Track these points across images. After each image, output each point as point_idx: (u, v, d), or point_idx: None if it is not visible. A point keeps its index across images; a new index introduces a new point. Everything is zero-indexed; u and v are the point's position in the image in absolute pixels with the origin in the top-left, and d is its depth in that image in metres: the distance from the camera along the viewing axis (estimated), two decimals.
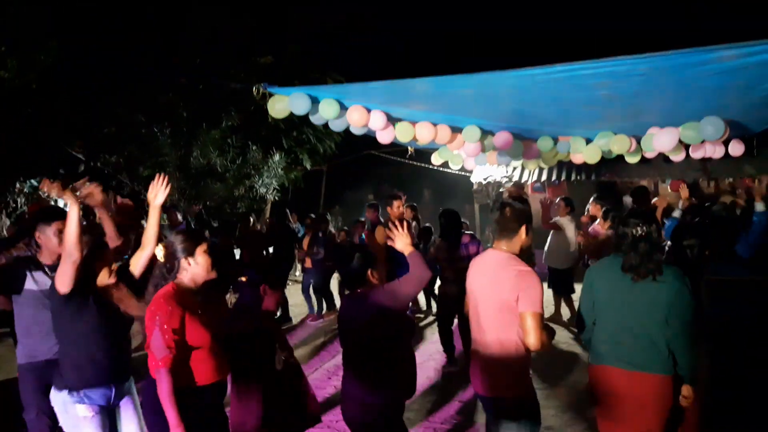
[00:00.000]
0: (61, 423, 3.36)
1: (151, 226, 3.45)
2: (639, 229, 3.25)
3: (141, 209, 8.45)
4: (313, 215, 9.72)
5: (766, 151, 10.26)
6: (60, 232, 3.69)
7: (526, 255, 3.38)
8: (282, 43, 15.38)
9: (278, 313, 9.07)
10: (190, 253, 3.15)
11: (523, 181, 13.57)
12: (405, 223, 3.42)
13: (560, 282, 8.42)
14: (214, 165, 13.43)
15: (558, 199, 8.95)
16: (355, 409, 3.24)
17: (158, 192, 3.42)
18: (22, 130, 11.91)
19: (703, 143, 6.80)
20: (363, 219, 9.97)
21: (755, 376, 3.65)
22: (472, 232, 6.80)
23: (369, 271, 3.30)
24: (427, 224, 9.59)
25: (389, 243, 3.42)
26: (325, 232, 9.44)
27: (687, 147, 7.22)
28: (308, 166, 17.18)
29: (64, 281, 3.17)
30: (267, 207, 16.80)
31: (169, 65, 13.49)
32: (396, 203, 6.89)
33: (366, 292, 3.27)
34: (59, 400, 3.30)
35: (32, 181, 13.77)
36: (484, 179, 13.99)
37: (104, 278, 3.35)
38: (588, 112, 6.08)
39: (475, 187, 14.49)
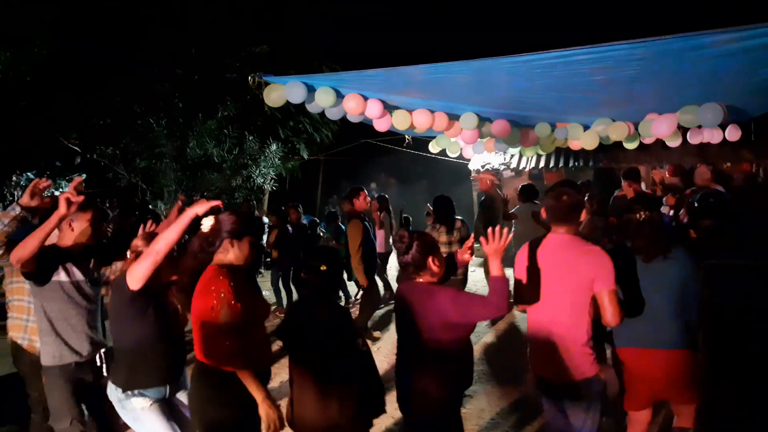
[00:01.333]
0: (121, 416, 3.27)
1: (173, 233, 2.97)
2: (642, 213, 3.40)
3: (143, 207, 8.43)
4: (283, 208, 9.45)
5: (763, 136, 10.26)
6: (94, 221, 3.58)
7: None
8: (278, 32, 15.30)
9: None
10: (237, 237, 3.07)
11: (521, 168, 13.56)
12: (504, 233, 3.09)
13: None
14: (210, 155, 13.38)
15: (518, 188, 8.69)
16: (422, 402, 3.08)
17: (202, 207, 3.00)
18: (17, 123, 11.87)
19: (700, 128, 6.80)
20: (334, 210, 9.86)
21: (755, 368, 3.64)
22: (462, 218, 6.79)
23: (430, 258, 3.07)
24: (405, 215, 9.57)
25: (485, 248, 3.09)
26: (296, 225, 9.21)
27: (684, 133, 7.21)
28: (305, 156, 17.15)
29: (138, 278, 3.01)
30: (265, 197, 16.77)
31: (164, 56, 13.42)
32: (362, 195, 7.08)
33: (431, 288, 3.06)
34: (114, 396, 3.22)
35: (29, 174, 13.74)
36: (482, 166, 13.97)
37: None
38: (585, 98, 6.06)
39: (473, 174, 14.48)
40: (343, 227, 8.52)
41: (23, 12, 10.69)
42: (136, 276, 3.00)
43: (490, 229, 3.05)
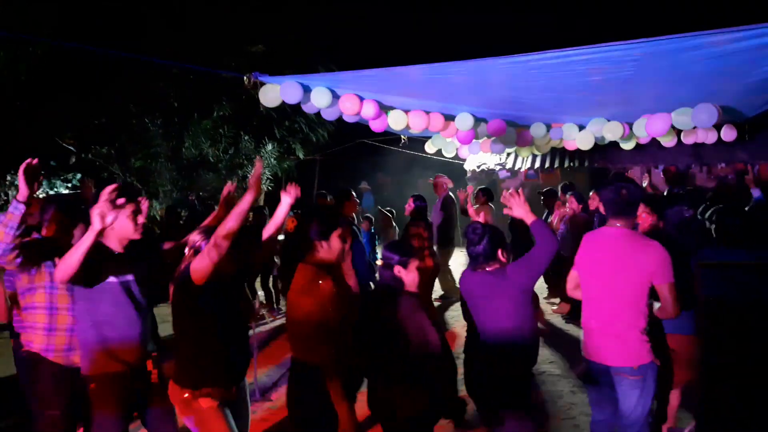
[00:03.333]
0: (184, 418, 3.12)
1: (234, 224, 2.88)
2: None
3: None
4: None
5: (758, 137, 10.30)
6: (135, 215, 3.23)
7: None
8: (276, 32, 15.27)
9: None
10: (325, 237, 3.10)
11: (516, 168, 13.58)
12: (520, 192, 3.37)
13: None
14: (206, 155, 13.37)
15: (477, 189, 8.91)
16: (498, 385, 3.18)
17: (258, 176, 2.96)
18: (12, 123, 11.83)
19: (695, 129, 6.82)
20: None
21: (750, 367, 3.69)
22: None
23: (499, 251, 3.25)
24: (389, 208, 9.61)
25: (506, 212, 3.38)
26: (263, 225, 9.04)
27: (679, 133, 7.23)
28: (301, 156, 17.12)
29: (202, 273, 2.91)
30: (260, 197, 16.74)
31: (160, 55, 13.39)
32: (351, 197, 7.01)
33: (501, 270, 3.21)
34: (178, 398, 3.09)
35: None
36: (478, 166, 13.99)
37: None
38: (581, 99, 6.08)
39: (468, 174, 14.50)
40: None
41: (23, 12, 10.64)
42: (201, 271, 2.90)
43: (506, 192, 3.33)
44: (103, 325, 3.17)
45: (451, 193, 9.07)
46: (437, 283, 8.51)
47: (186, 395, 3.03)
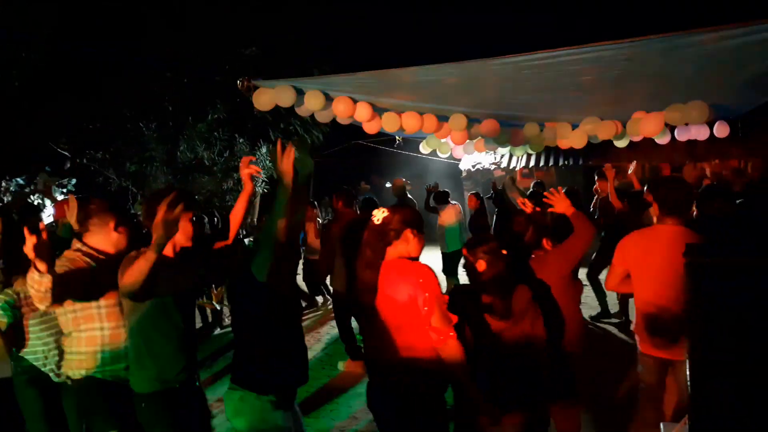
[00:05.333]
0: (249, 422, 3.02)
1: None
2: None
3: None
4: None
5: (751, 133, 10.34)
6: (194, 220, 3.10)
7: None
8: (270, 33, 15.25)
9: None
10: (420, 229, 3.01)
11: (511, 167, 13.60)
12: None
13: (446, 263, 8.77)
14: (201, 159, 13.34)
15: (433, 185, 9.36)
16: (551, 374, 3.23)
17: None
18: (6, 129, 11.80)
19: (688, 126, 6.85)
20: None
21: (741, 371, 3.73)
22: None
23: (545, 240, 3.64)
24: (368, 195, 9.79)
25: (550, 210, 3.66)
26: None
27: (672, 130, 7.27)
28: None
29: (265, 266, 2.83)
30: (256, 200, 16.73)
31: (155, 58, 13.38)
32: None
33: (543, 256, 3.61)
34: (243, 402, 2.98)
35: (18, 179, 13.67)
36: (473, 166, 14.02)
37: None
38: (573, 98, 6.10)
39: (463, 174, 14.52)
40: None
41: (23, 12, 10.60)
42: (263, 264, 2.83)
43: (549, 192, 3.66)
44: (157, 340, 3.03)
45: (409, 195, 9.63)
46: None
47: (252, 399, 2.92)
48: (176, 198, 2.72)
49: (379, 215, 2.98)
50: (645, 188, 3.82)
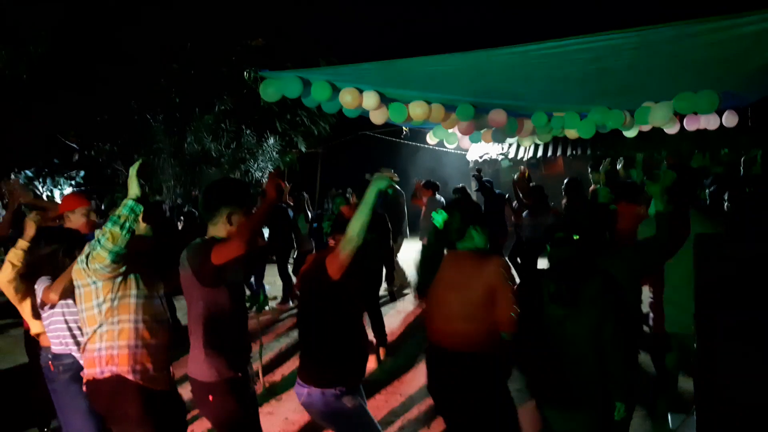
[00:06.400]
0: (322, 419, 3.10)
1: (365, 215, 2.90)
2: None
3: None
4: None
5: (760, 122, 10.26)
6: (250, 214, 3.05)
7: None
8: (277, 24, 15.22)
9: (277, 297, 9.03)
10: (483, 224, 3.09)
11: (519, 157, 13.55)
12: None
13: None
14: (208, 150, 13.38)
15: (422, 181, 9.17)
16: None
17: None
18: (15, 121, 11.86)
19: (697, 115, 6.80)
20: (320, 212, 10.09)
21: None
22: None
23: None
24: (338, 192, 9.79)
25: None
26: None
27: (682, 119, 7.21)
28: (303, 149, 17.13)
29: (343, 265, 2.90)
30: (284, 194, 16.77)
31: (161, 50, 13.38)
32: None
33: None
34: (318, 399, 3.04)
35: (27, 171, 13.75)
36: (480, 157, 13.98)
37: None
38: (582, 88, 6.06)
39: (471, 164, 14.48)
40: None
41: (31, 7, 10.62)
42: (341, 263, 2.89)
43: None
44: (226, 326, 2.97)
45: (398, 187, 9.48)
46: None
47: (328, 397, 3.02)
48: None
49: (438, 218, 3.08)
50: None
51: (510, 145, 13.17)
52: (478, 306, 2.88)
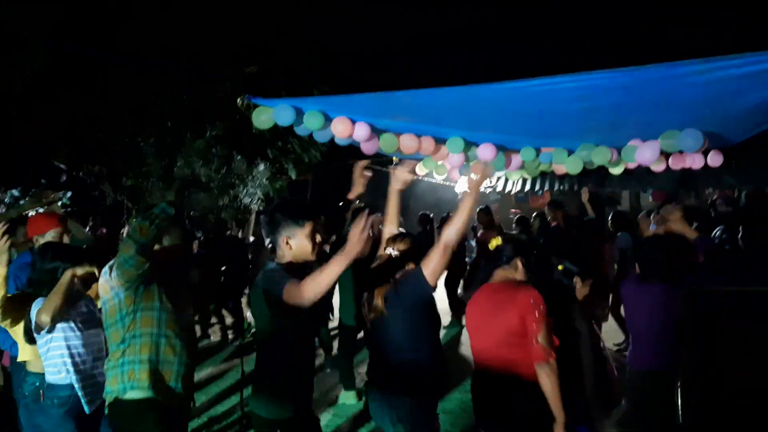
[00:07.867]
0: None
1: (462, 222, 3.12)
2: None
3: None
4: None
5: (744, 162, 10.42)
6: (314, 234, 2.91)
7: None
8: (268, 52, 15.33)
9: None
10: (528, 257, 3.27)
11: (507, 191, 13.65)
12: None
13: None
14: (198, 175, 13.35)
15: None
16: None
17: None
18: (3, 139, 11.78)
19: (682, 154, 6.89)
20: None
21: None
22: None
23: None
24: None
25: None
26: None
27: (667, 158, 7.31)
28: (293, 176, 17.14)
29: (439, 272, 2.93)
30: (251, 217, 16.72)
31: (153, 73, 13.40)
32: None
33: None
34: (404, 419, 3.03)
35: (13, 191, 13.62)
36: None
37: None
38: (569, 124, 6.14)
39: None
40: None
41: (27, 14, 10.59)
42: (436, 275, 2.91)
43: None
44: (294, 352, 2.84)
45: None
46: None
47: (412, 421, 3.12)
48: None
49: (493, 242, 3.28)
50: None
51: (498, 178, 13.28)
52: (514, 334, 3.04)
